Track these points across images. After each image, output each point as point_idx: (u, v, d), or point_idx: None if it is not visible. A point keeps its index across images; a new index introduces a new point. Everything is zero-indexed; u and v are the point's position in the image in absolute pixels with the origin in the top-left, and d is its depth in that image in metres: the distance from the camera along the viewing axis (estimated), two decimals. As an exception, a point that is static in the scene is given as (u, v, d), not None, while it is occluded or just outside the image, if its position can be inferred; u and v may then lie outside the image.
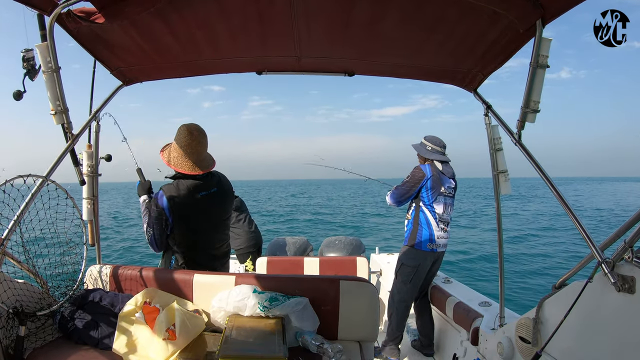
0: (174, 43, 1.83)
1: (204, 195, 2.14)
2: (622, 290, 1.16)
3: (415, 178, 2.95)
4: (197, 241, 2.19)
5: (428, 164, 2.99)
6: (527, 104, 1.56)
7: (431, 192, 2.93)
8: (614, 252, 1.21)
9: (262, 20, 1.66)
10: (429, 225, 2.94)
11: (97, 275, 2.05)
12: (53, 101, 1.68)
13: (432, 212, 2.94)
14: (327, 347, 1.66)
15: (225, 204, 2.32)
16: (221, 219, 2.29)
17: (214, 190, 2.20)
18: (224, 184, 2.30)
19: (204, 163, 2.16)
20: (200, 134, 2.12)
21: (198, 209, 2.14)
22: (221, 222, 2.30)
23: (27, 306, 1.64)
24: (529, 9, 1.41)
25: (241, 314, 1.79)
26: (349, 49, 1.92)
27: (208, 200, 2.16)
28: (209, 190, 2.17)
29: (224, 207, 2.31)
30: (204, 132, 2.15)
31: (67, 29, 1.64)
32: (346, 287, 1.87)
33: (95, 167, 2.08)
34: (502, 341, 1.86)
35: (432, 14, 1.55)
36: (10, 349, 1.52)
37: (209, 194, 2.17)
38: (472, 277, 8.55)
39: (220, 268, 2.31)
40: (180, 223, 2.10)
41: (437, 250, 2.96)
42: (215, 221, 2.24)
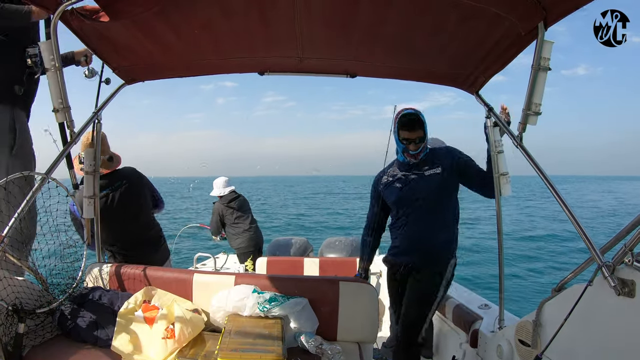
0: (177, 43, 1.83)
1: (108, 194, 2.39)
2: (622, 293, 1.15)
3: None
4: (116, 235, 2.44)
5: None
6: (528, 106, 1.56)
7: None
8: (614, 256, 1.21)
9: (264, 21, 1.67)
10: None
11: (97, 273, 2.05)
12: (55, 99, 1.68)
13: None
14: (326, 348, 1.66)
15: (135, 195, 2.53)
16: (136, 209, 2.53)
17: (119, 183, 2.45)
18: (130, 177, 2.52)
19: (108, 163, 2.39)
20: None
21: (107, 207, 2.36)
22: (138, 211, 2.55)
23: (26, 304, 1.64)
24: (531, 11, 1.41)
25: (240, 314, 1.79)
26: (351, 50, 1.92)
27: (116, 200, 2.41)
28: (113, 187, 2.42)
29: (135, 198, 2.53)
30: (101, 134, 2.28)
31: (70, 27, 1.65)
32: (346, 288, 1.87)
33: (97, 165, 2.09)
34: (501, 344, 1.86)
35: (433, 16, 1.55)
36: (9, 346, 1.51)
37: (114, 191, 2.42)
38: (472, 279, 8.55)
39: (154, 254, 2.55)
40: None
41: None
42: (131, 212, 2.49)
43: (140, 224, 2.57)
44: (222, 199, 4.51)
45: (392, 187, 2.24)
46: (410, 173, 2.19)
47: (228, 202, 4.47)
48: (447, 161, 2.14)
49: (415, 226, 2.18)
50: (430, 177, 2.13)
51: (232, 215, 4.46)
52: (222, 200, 4.50)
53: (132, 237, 2.51)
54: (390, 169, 2.33)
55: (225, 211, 4.47)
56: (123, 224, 2.47)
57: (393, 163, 2.36)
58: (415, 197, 2.16)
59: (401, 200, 2.20)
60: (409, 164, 2.19)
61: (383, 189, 2.28)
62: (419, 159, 2.15)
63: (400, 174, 2.23)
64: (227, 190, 4.52)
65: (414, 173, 2.17)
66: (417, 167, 2.18)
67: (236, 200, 4.50)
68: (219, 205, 4.51)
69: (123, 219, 2.46)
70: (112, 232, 2.40)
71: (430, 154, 2.18)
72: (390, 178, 2.27)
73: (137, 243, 2.52)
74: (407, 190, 2.18)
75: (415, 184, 2.16)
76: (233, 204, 4.47)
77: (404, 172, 2.22)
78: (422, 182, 2.14)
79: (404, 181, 2.20)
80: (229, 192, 4.52)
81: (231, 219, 4.45)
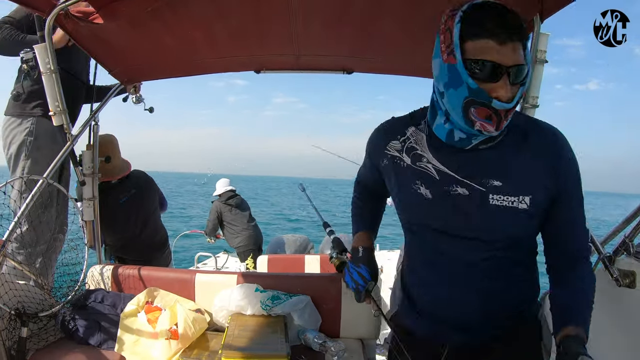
0: (172, 43, 1.83)
1: (126, 202, 2.40)
2: (623, 285, 1.16)
3: None
4: (126, 240, 2.45)
5: None
6: (526, 99, 1.56)
7: None
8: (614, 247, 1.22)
9: (259, 19, 1.66)
10: None
11: (99, 275, 2.05)
12: (52, 102, 1.68)
13: None
14: (330, 345, 1.67)
15: (148, 200, 2.56)
16: (148, 214, 2.54)
17: (134, 191, 2.45)
18: (142, 185, 2.53)
19: (119, 169, 2.38)
20: (108, 144, 2.32)
21: (121, 219, 2.39)
22: (148, 216, 2.55)
23: (28, 307, 1.64)
24: (526, 4, 1.41)
25: (243, 313, 1.80)
26: (347, 46, 1.92)
27: (130, 206, 2.42)
28: (129, 194, 2.42)
29: (148, 203, 2.56)
30: (114, 140, 2.38)
31: (65, 29, 1.64)
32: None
33: (95, 167, 2.08)
34: None
35: (429, 11, 1.54)
36: (12, 351, 1.52)
37: (129, 199, 2.42)
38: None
39: (159, 258, 2.58)
40: (107, 229, 2.26)
41: None
42: (142, 218, 2.50)
43: (150, 230, 2.58)
44: (220, 197, 4.53)
45: (405, 178, 0.96)
46: (456, 171, 0.90)
47: (227, 199, 4.49)
48: (552, 162, 0.88)
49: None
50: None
51: (230, 212, 4.47)
52: (221, 198, 4.51)
53: (141, 243, 2.52)
54: (413, 128, 0.98)
55: (223, 209, 4.48)
56: (134, 230, 2.48)
57: (421, 120, 0.99)
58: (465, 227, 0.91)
59: (427, 219, 0.95)
60: (462, 145, 0.89)
61: (386, 167, 1.00)
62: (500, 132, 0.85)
63: (434, 160, 0.93)
64: (227, 189, 4.54)
65: (468, 177, 0.89)
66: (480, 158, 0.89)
67: (234, 199, 4.52)
68: (217, 204, 4.53)
69: (135, 224, 2.47)
70: (121, 238, 2.45)
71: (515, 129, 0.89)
72: (405, 156, 0.96)
73: (145, 248, 2.53)
74: (443, 208, 0.92)
75: (468, 205, 0.89)
76: (231, 202, 4.49)
77: (442, 162, 0.92)
78: (484, 208, 0.88)
79: (438, 185, 0.92)
80: (228, 190, 4.54)
81: (230, 217, 4.46)
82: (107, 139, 2.34)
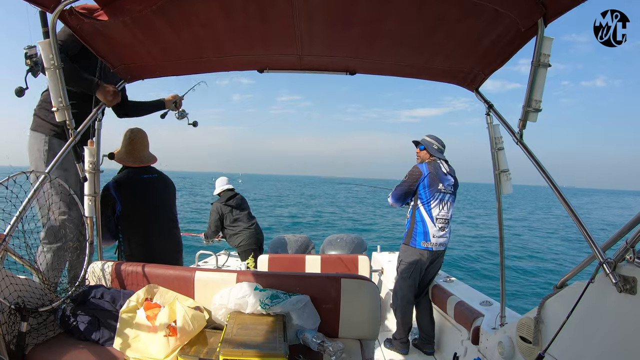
0: (176, 41, 1.83)
1: (146, 178, 2.51)
2: (624, 290, 1.16)
3: (413, 177, 3.06)
4: (142, 228, 2.46)
5: (425, 163, 3.09)
6: (529, 103, 1.56)
7: (429, 189, 3.00)
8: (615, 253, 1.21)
9: (263, 19, 1.66)
10: (424, 224, 3.00)
11: (99, 271, 2.05)
12: (55, 98, 1.68)
13: (428, 211, 3.01)
14: (328, 345, 1.67)
15: (167, 190, 2.64)
16: (163, 205, 2.59)
17: (155, 175, 2.57)
18: (164, 176, 2.65)
19: (144, 158, 2.53)
20: (138, 137, 2.51)
21: (142, 189, 2.47)
22: (164, 209, 2.59)
23: (28, 302, 1.65)
24: (530, 7, 1.40)
25: (242, 311, 1.80)
26: (350, 47, 1.91)
27: (150, 183, 2.51)
28: (151, 174, 2.55)
29: (166, 192, 2.64)
30: (142, 135, 2.53)
31: (69, 26, 1.65)
32: (347, 285, 1.87)
33: (97, 163, 2.09)
34: (502, 341, 1.86)
35: (433, 13, 1.54)
36: (12, 345, 1.52)
37: (151, 177, 2.54)
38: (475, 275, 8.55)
39: (174, 262, 2.54)
40: (126, 204, 2.38)
41: (432, 249, 3.00)
42: (157, 204, 2.54)
43: (167, 210, 2.61)
44: (220, 197, 4.54)
45: None
46: None
47: (226, 200, 4.50)
48: None
49: None
50: None
51: (231, 213, 4.48)
52: (221, 199, 4.52)
53: (162, 237, 2.54)
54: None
55: (224, 210, 4.49)
56: (154, 202, 2.52)
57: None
58: None
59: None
60: None
61: None
62: None
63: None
64: (225, 188, 4.55)
65: None
66: None
67: (234, 199, 4.52)
68: (217, 205, 4.53)
69: (155, 198, 2.53)
70: (141, 219, 2.45)
71: None
72: None
73: (165, 253, 2.52)
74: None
75: None
76: (231, 202, 4.50)
77: None
78: None
79: None
80: (227, 189, 4.55)
81: (231, 217, 4.47)
82: (127, 134, 2.49)
